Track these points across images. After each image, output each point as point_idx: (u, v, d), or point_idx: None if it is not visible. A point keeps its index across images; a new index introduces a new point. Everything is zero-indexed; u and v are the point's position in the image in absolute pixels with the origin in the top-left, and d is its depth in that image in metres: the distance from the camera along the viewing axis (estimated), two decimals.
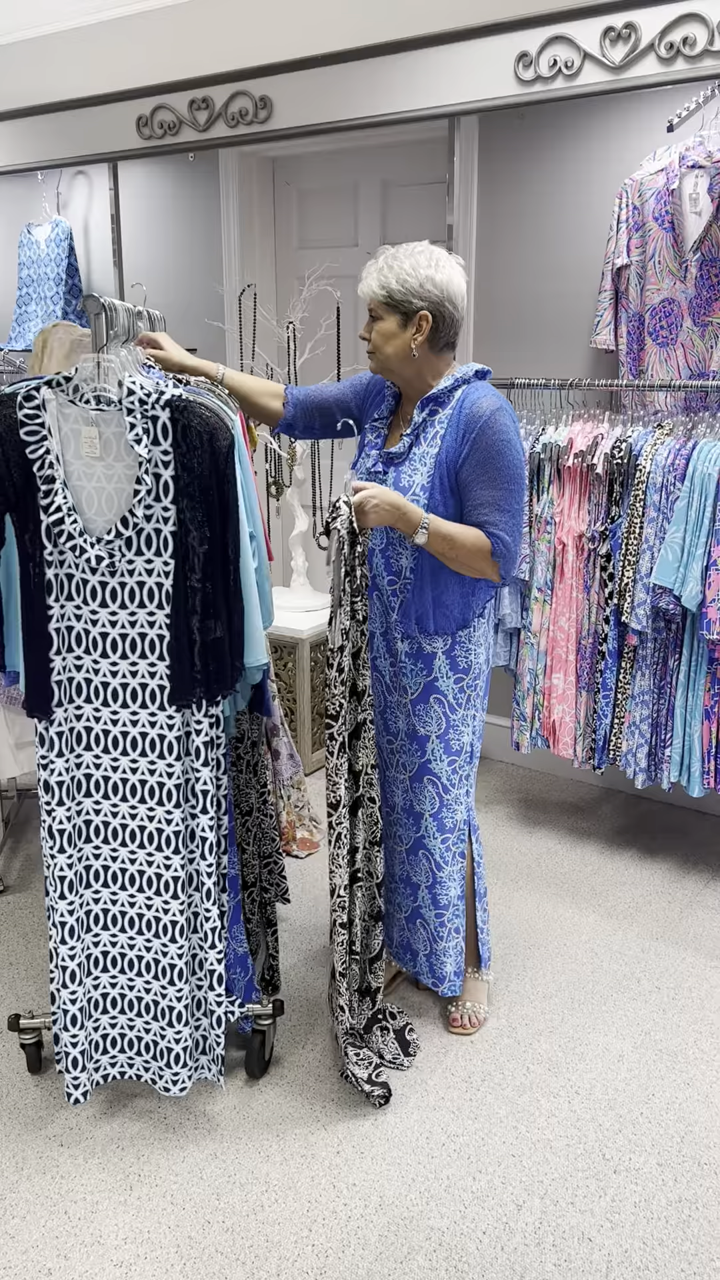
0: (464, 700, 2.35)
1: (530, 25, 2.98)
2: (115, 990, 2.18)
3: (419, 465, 2.22)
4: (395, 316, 2.18)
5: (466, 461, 2.18)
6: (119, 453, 1.94)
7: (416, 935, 2.51)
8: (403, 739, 2.39)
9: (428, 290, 2.15)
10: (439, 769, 2.37)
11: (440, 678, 2.32)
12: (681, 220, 3.11)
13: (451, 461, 2.19)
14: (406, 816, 2.43)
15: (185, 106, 3.77)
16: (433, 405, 2.23)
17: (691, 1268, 1.88)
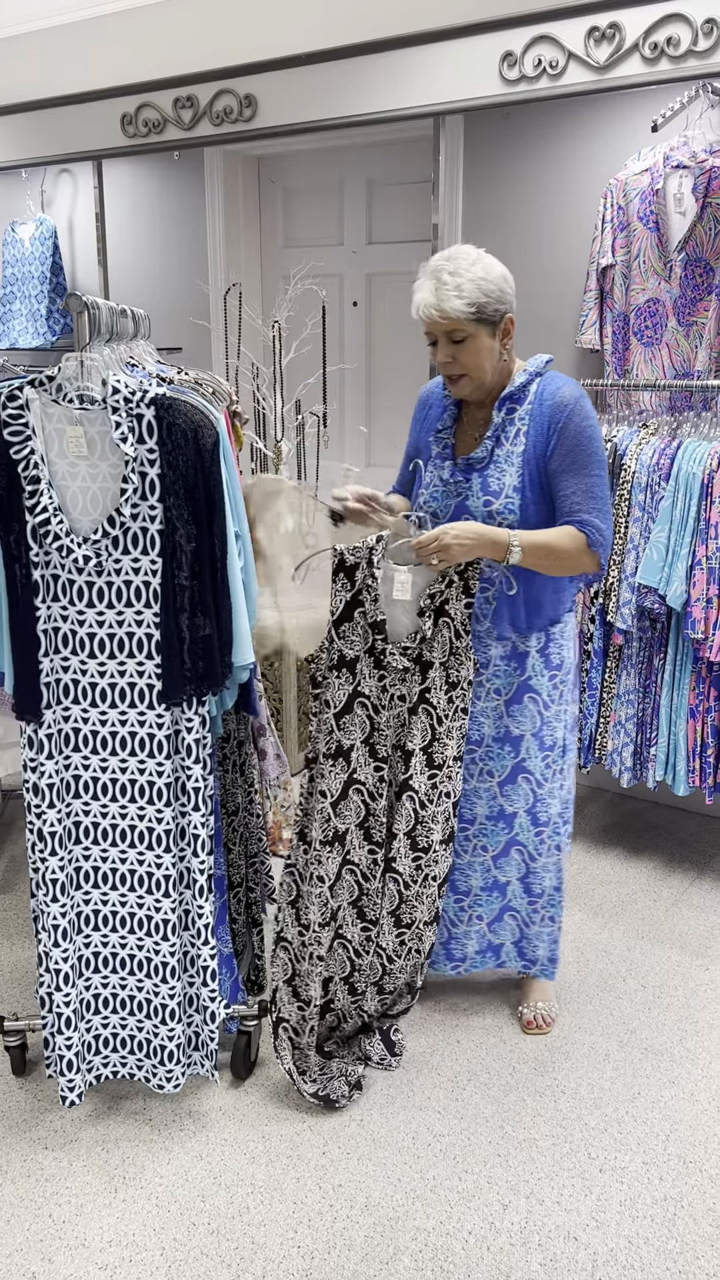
0: (557, 696, 2.34)
1: (515, 25, 2.98)
2: (107, 990, 2.17)
3: (506, 466, 2.17)
4: (485, 329, 2.09)
5: (555, 452, 2.14)
6: (104, 451, 1.93)
7: (503, 929, 2.49)
8: (488, 744, 2.34)
9: (505, 291, 2.09)
10: (533, 766, 2.35)
11: (534, 675, 2.30)
12: (666, 220, 3.12)
13: (540, 456, 2.15)
14: (494, 823, 2.39)
15: (170, 105, 3.75)
16: (510, 404, 2.17)
17: (677, 1266, 1.89)
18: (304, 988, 2.24)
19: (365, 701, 2.16)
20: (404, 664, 2.13)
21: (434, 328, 2.09)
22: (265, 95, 3.54)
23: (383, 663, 2.14)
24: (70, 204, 4.59)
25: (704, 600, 2.93)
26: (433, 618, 2.11)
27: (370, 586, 2.11)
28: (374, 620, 2.12)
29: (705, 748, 3.03)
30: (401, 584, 2.11)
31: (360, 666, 2.14)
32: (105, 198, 4.33)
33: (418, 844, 2.23)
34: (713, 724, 3.02)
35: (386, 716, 2.16)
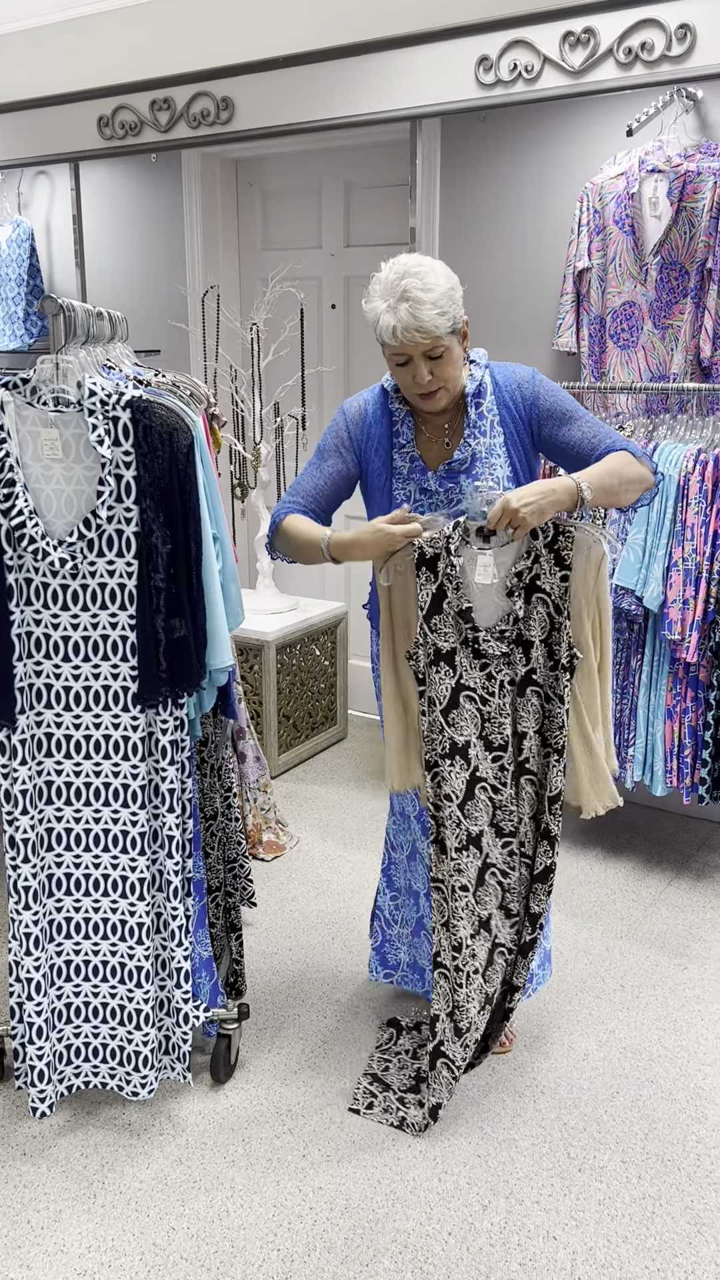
0: None
1: (491, 29, 2.99)
2: (79, 999, 2.16)
3: (492, 460, 2.15)
4: (455, 339, 2.07)
5: (540, 420, 2.14)
6: (78, 454, 1.93)
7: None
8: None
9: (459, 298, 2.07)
10: None
11: None
12: (641, 224, 3.14)
13: (521, 437, 2.15)
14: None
15: (147, 107, 3.75)
16: (476, 400, 2.15)
17: (655, 1264, 1.89)
18: (462, 1016, 2.17)
19: (471, 694, 2.07)
20: (501, 649, 2.04)
21: (412, 349, 2.03)
22: (242, 98, 3.54)
23: (480, 651, 2.05)
24: (47, 206, 4.58)
25: (680, 601, 2.94)
26: (523, 595, 2.02)
27: (451, 575, 2.01)
28: (461, 609, 2.03)
29: (683, 748, 3.05)
30: (484, 567, 2.02)
31: (459, 659, 2.05)
32: (82, 200, 4.32)
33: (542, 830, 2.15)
34: (690, 724, 3.03)
35: (496, 704, 2.08)
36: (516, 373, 2.18)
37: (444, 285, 2.01)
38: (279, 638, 3.83)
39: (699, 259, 3.03)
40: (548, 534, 1.99)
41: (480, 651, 2.05)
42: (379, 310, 2.03)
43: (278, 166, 4.28)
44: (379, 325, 2.04)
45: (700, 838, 3.46)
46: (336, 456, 2.25)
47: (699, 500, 2.91)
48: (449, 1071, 2.20)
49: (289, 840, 3.44)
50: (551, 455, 2.19)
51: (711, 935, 2.92)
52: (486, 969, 2.22)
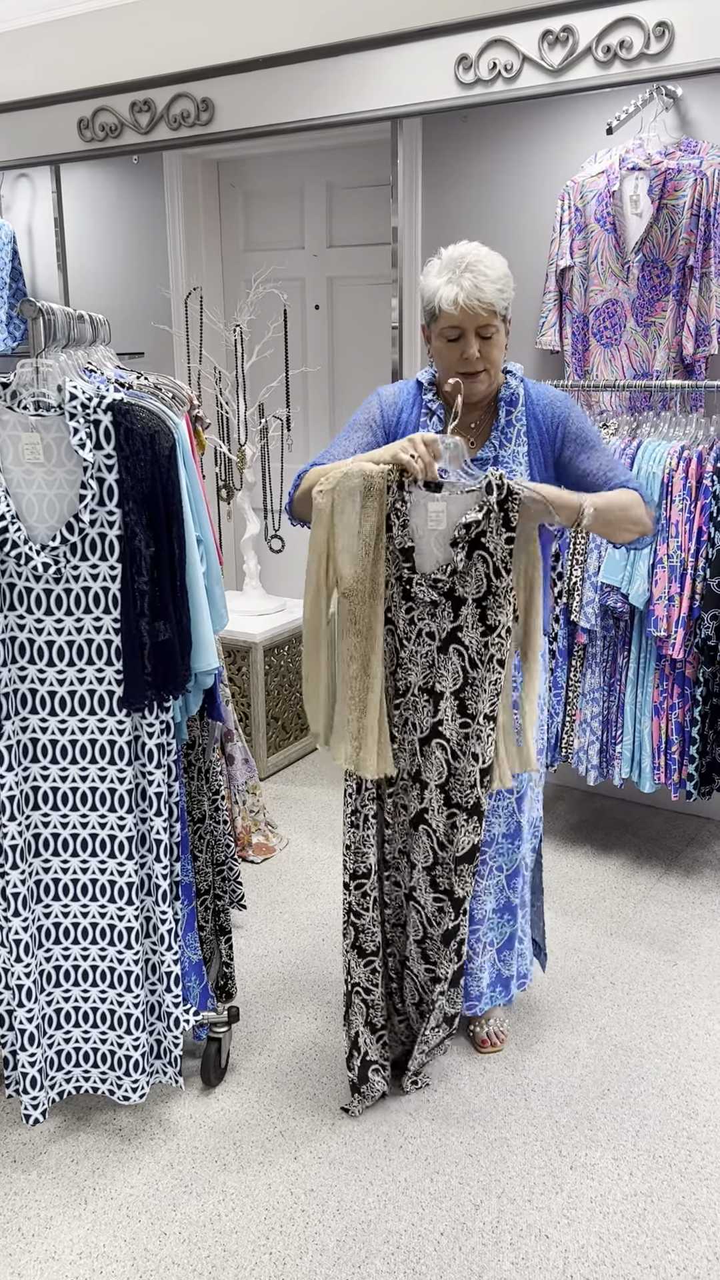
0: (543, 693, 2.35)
1: (470, 28, 2.99)
2: (69, 1004, 2.15)
3: (513, 465, 2.16)
4: (505, 326, 2.10)
5: (566, 443, 2.17)
6: (60, 458, 1.92)
7: (511, 959, 2.42)
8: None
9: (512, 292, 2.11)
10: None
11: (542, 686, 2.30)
12: (623, 222, 3.14)
13: (546, 453, 2.17)
14: (510, 841, 2.32)
15: (127, 109, 3.74)
16: (508, 405, 2.17)
17: (647, 1261, 1.90)
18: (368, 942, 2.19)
19: (392, 630, 2.06)
20: (432, 596, 2.01)
21: (469, 321, 2.04)
22: (222, 99, 3.53)
23: (410, 593, 2.02)
24: (29, 209, 4.56)
25: (666, 598, 2.95)
26: (466, 549, 1.97)
27: (399, 510, 1.98)
28: (402, 547, 2.00)
29: (670, 744, 3.06)
30: (435, 514, 1.98)
31: (387, 592, 2.02)
32: (64, 202, 4.30)
33: (451, 799, 2.10)
34: (677, 721, 3.04)
35: (411, 651, 2.06)
36: (550, 391, 2.20)
37: (503, 269, 2.08)
38: (266, 639, 3.82)
39: (680, 256, 3.04)
40: (501, 493, 1.94)
41: (410, 594, 2.02)
42: (438, 285, 2.06)
43: (259, 167, 4.28)
44: (438, 296, 2.05)
45: (689, 834, 3.47)
46: (366, 430, 2.24)
47: (683, 497, 2.91)
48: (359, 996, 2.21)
49: (279, 842, 3.44)
50: (566, 480, 2.20)
51: (701, 931, 2.93)
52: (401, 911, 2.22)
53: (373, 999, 2.24)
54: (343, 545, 2.00)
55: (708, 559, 2.90)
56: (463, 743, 2.08)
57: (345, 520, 1.99)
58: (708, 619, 2.90)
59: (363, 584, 2.00)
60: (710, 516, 2.89)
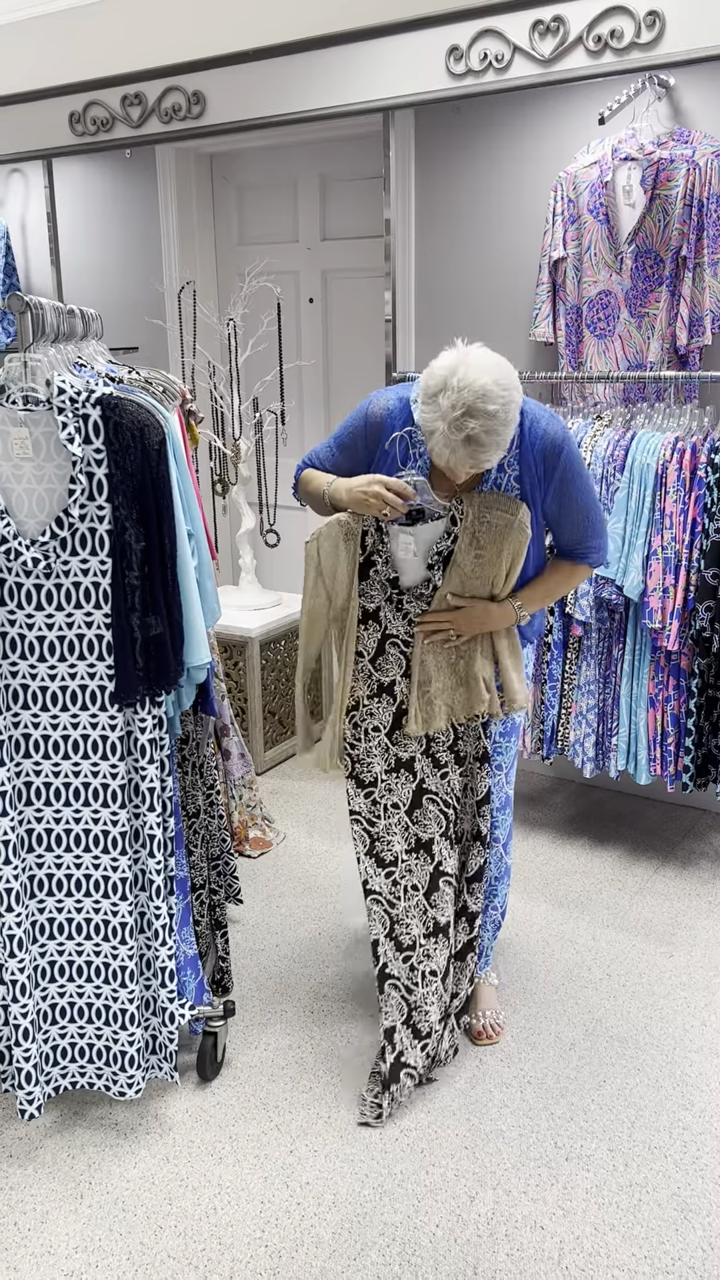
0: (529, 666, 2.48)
1: (460, 19, 2.98)
2: (64, 999, 2.15)
3: None
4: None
5: (552, 496, 2.16)
6: (49, 453, 1.92)
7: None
8: (496, 739, 2.39)
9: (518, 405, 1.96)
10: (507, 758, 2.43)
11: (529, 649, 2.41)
12: (616, 212, 3.13)
13: (536, 496, 2.15)
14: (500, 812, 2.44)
15: (118, 102, 3.73)
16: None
17: (642, 1251, 1.90)
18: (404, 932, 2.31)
19: (396, 641, 2.26)
20: (420, 606, 2.23)
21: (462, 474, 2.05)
22: (214, 92, 3.52)
23: (402, 608, 2.24)
24: (22, 204, 4.55)
25: (660, 590, 2.95)
26: (442, 567, 2.19)
27: (380, 550, 2.21)
28: (388, 577, 2.23)
29: (665, 736, 3.06)
30: (405, 544, 2.19)
31: (383, 614, 2.25)
32: (56, 197, 4.29)
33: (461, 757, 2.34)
34: (672, 713, 3.04)
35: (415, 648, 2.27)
36: (549, 432, 2.10)
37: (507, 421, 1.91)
38: (263, 634, 3.82)
39: (673, 246, 3.03)
40: (466, 520, 2.14)
41: (402, 608, 2.25)
42: (434, 427, 1.93)
43: (252, 160, 4.26)
44: (431, 440, 1.95)
45: (685, 825, 3.47)
46: (351, 452, 2.26)
47: (677, 488, 2.91)
48: (398, 991, 2.29)
49: (275, 836, 3.44)
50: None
51: (697, 923, 2.93)
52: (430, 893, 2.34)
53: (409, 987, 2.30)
54: (330, 580, 2.26)
55: (702, 550, 2.90)
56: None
57: (330, 564, 2.24)
58: (702, 610, 2.89)
59: (344, 610, 2.28)
60: (704, 508, 2.88)
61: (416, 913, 2.32)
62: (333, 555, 2.23)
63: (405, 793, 2.32)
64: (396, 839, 2.31)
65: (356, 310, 4.20)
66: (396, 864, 2.31)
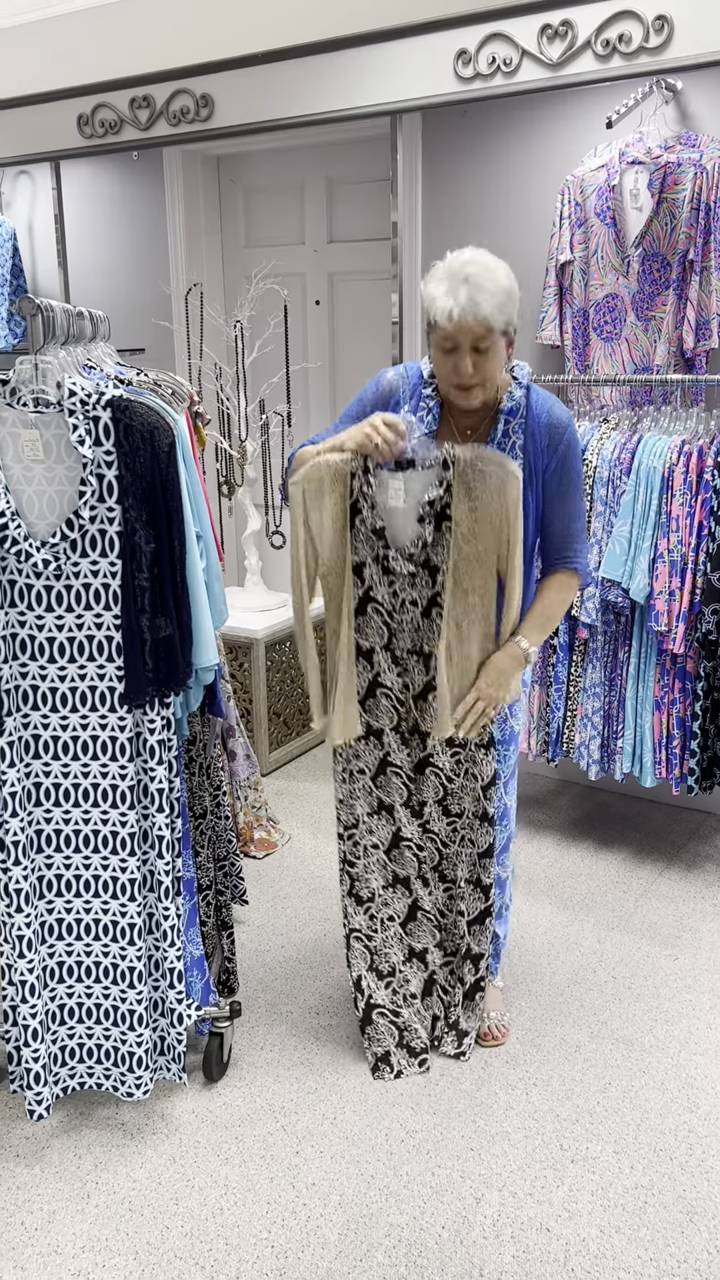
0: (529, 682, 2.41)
1: (468, 22, 2.99)
2: (73, 1000, 2.16)
3: None
4: (503, 339, 2.07)
5: (554, 473, 2.18)
6: (59, 455, 1.92)
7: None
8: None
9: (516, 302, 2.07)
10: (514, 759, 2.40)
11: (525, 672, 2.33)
12: (623, 216, 3.14)
13: (539, 473, 2.18)
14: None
15: (126, 105, 3.74)
16: (507, 416, 2.16)
17: (648, 1254, 1.90)
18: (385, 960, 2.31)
19: (379, 607, 2.17)
20: (409, 569, 2.13)
21: (463, 336, 2.02)
22: (222, 95, 3.53)
23: (389, 568, 2.14)
24: (29, 205, 4.56)
25: (666, 593, 2.95)
26: (434, 522, 2.09)
27: (366, 494, 2.10)
28: (374, 527, 2.12)
29: (671, 739, 3.06)
30: (395, 490, 2.08)
31: (368, 571, 2.15)
32: (64, 199, 4.30)
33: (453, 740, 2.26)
34: (678, 715, 3.04)
35: (400, 620, 2.18)
36: (555, 412, 2.17)
37: (505, 283, 2.03)
38: (268, 635, 3.83)
39: (680, 250, 3.04)
40: (459, 465, 2.05)
41: (389, 569, 2.14)
42: (435, 294, 2.03)
43: (259, 163, 4.27)
44: (435, 307, 2.04)
45: (690, 828, 3.47)
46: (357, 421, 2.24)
47: (683, 491, 2.91)
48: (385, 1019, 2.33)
49: (280, 837, 3.45)
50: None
51: (703, 925, 2.93)
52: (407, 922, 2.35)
53: (374, 945, 2.34)
54: (317, 530, 2.13)
55: (708, 553, 2.90)
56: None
57: (315, 507, 2.11)
58: (708, 613, 2.90)
59: (336, 563, 2.14)
60: (711, 511, 2.89)
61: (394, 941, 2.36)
62: (318, 498, 2.11)
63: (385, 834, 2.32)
64: (375, 876, 2.33)
65: (363, 313, 4.21)
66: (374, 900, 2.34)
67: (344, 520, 2.11)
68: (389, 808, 2.32)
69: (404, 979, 2.37)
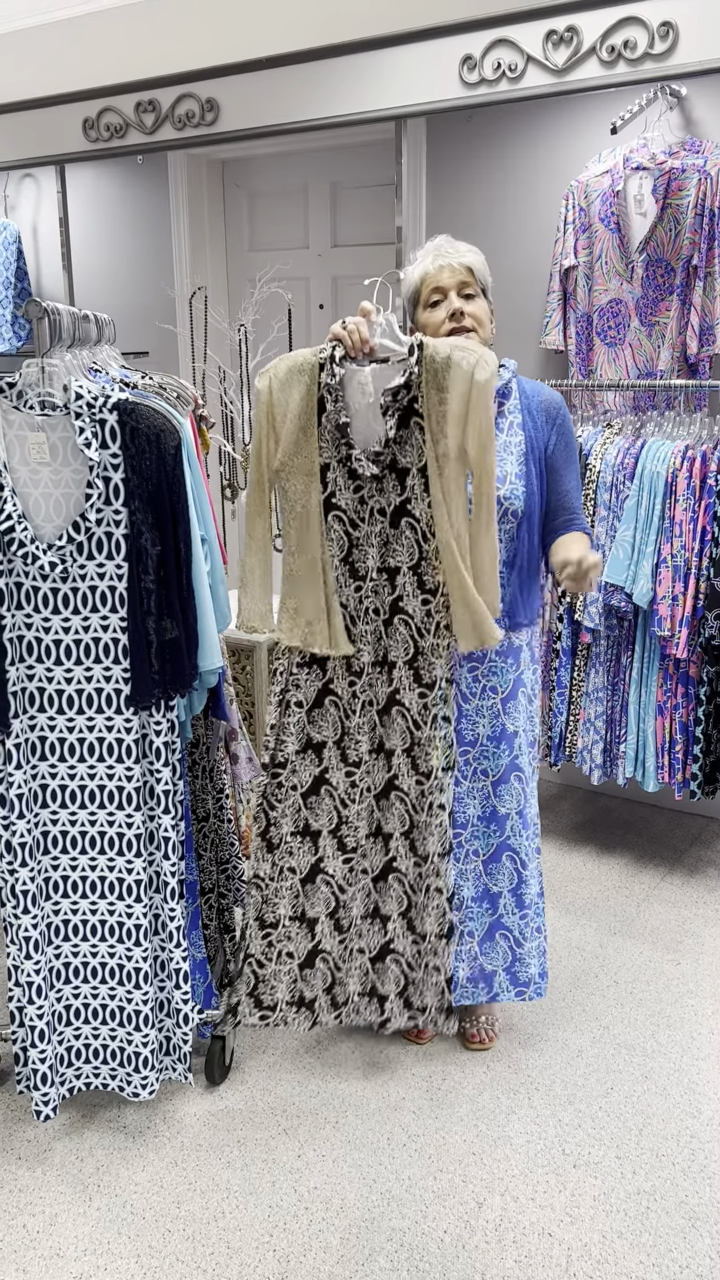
0: (536, 691, 2.35)
1: (474, 28, 3.00)
2: (79, 1000, 2.16)
3: (505, 455, 2.17)
4: (485, 297, 2.19)
5: (556, 447, 2.23)
6: (66, 457, 1.93)
7: (495, 952, 2.36)
8: (484, 744, 2.28)
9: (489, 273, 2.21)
10: (523, 763, 2.31)
11: (525, 670, 2.29)
12: (627, 221, 3.14)
13: (540, 448, 2.21)
14: (486, 825, 2.31)
15: (131, 109, 3.74)
16: (499, 397, 2.20)
17: (650, 1259, 1.90)
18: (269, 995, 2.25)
19: (341, 515, 2.02)
20: (373, 470, 1.98)
21: (449, 279, 2.14)
22: (227, 99, 3.54)
23: (354, 471, 1.99)
24: (34, 208, 4.57)
25: (670, 598, 2.95)
26: (398, 417, 1.95)
27: (332, 386, 1.98)
28: (337, 422, 1.98)
29: (674, 744, 3.06)
30: (361, 385, 1.97)
31: (331, 475, 2.00)
32: (69, 202, 4.31)
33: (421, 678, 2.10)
34: (681, 720, 3.04)
35: (365, 531, 2.02)
36: (545, 389, 2.26)
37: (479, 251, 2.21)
38: (270, 638, 3.82)
39: (684, 256, 3.04)
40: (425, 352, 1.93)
41: (354, 472, 2.00)
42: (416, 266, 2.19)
43: (264, 167, 4.28)
44: (417, 270, 2.18)
45: (692, 833, 3.47)
46: None
47: (687, 496, 2.92)
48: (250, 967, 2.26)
49: None
50: None
51: (705, 930, 2.93)
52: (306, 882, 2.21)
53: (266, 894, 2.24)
54: (281, 427, 2.02)
55: (711, 558, 2.90)
56: (425, 619, 2.07)
57: (282, 401, 2.01)
58: (711, 618, 2.90)
59: (300, 463, 2.00)
60: (714, 516, 2.89)
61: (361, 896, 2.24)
62: (285, 389, 2.01)
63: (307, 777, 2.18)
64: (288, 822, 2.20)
65: None
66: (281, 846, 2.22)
67: (310, 416, 1.98)
68: (319, 747, 2.17)
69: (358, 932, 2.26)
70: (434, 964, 2.24)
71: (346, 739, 2.16)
